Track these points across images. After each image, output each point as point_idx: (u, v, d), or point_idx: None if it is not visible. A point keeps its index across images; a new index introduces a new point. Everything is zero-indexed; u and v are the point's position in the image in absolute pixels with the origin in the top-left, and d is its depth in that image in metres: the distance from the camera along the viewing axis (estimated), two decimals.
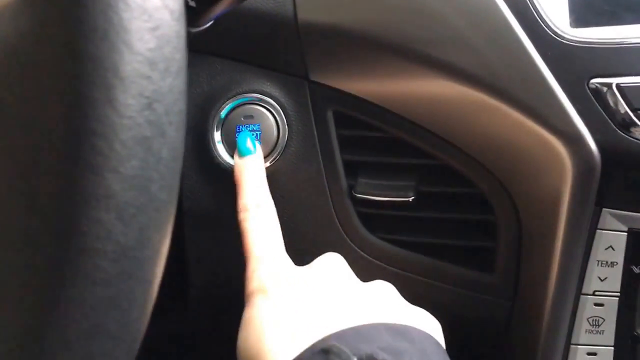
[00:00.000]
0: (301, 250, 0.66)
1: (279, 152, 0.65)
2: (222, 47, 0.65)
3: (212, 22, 0.53)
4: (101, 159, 0.27)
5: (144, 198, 0.29)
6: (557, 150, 0.56)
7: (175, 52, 0.30)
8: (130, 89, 0.28)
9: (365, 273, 0.64)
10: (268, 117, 0.64)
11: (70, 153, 0.27)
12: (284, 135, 0.64)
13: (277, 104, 0.64)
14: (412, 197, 0.63)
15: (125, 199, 0.28)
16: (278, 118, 0.64)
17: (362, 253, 0.66)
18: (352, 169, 0.65)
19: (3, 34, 0.30)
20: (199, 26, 0.52)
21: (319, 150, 0.65)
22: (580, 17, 0.57)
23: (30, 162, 0.28)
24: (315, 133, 0.65)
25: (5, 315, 0.28)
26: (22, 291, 0.28)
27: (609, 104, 0.55)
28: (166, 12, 0.30)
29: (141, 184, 0.28)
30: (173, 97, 0.30)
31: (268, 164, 0.64)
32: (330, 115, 0.64)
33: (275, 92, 0.65)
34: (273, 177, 0.63)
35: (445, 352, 0.46)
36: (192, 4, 0.50)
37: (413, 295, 0.62)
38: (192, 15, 0.50)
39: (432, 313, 0.53)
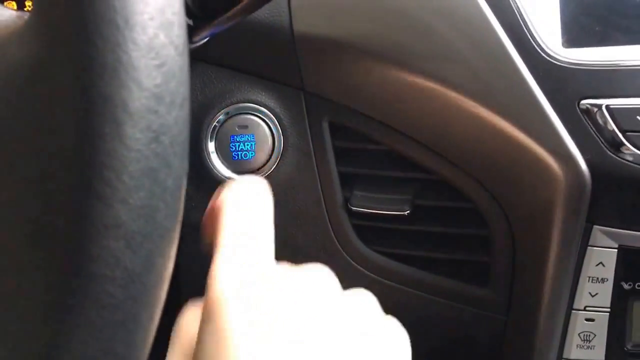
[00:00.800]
0: (295, 262, 0.68)
1: (274, 163, 0.67)
2: (217, 55, 0.68)
3: (208, 38, 0.55)
4: (110, 190, 0.30)
5: (150, 226, 0.31)
6: (549, 167, 0.59)
7: (180, 85, 0.33)
8: (138, 123, 0.30)
9: (359, 286, 0.67)
10: (263, 128, 0.67)
11: (81, 184, 0.30)
12: (279, 145, 0.67)
13: (272, 114, 0.67)
14: (408, 211, 0.66)
15: (133, 228, 0.31)
16: (273, 128, 0.67)
17: (357, 266, 0.69)
18: (348, 181, 0.68)
19: (12, 61, 0.33)
20: (195, 43, 0.55)
21: (314, 161, 0.67)
22: (572, 38, 0.60)
23: (42, 192, 0.30)
24: (311, 144, 0.67)
25: (17, 338, 0.31)
26: (34, 315, 0.30)
27: (599, 124, 0.58)
28: (172, 49, 0.32)
29: (148, 213, 0.31)
30: (178, 129, 0.33)
31: (263, 175, 0.67)
32: (325, 126, 0.67)
33: (271, 102, 0.67)
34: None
35: None
36: (190, 22, 0.52)
37: (407, 309, 0.65)
38: (189, 32, 0.53)
39: (426, 326, 0.55)
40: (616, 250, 0.61)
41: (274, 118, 0.67)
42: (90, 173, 0.30)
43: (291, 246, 0.69)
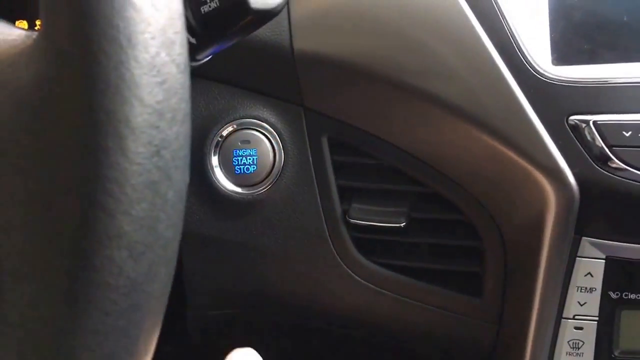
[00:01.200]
0: (296, 273, 0.69)
1: (275, 177, 0.68)
2: (219, 72, 0.69)
3: (211, 56, 0.56)
4: (114, 202, 0.31)
5: (152, 237, 0.32)
6: (539, 182, 0.60)
7: (181, 102, 0.33)
8: (140, 138, 0.31)
9: (358, 296, 0.67)
10: (265, 142, 0.68)
11: (85, 197, 0.30)
12: (280, 160, 0.68)
13: (274, 130, 0.68)
14: (404, 223, 0.66)
15: (135, 238, 0.31)
16: (274, 143, 0.68)
17: (355, 276, 0.69)
18: (347, 194, 0.69)
19: (21, 80, 0.33)
20: (198, 61, 0.55)
21: (314, 175, 0.68)
22: (561, 55, 0.61)
23: (48, 204, 0.31)
24: (311, 158, 0.68)
25: (24, 345, 0.31)
26: (41, 322, 0.31)
27: (586, 139, 0.58)
28: (173, 66, 0.33)
29: (150, 224, 0.32)
30: (179, 144, 0.33)
31: (265, 188, 0.67)
32: (325, 141, 0.68)
33: (272, 118, 0.68)
34: (269, 201, 0.66)
35: None
36: (193, 40, 0.53)
37: (403, 317, 0.65)
38: (192, 50, 0.54)
39: (421, 334, 0.55)
40: (604, 261, 0.62)
41: (275, 133, 0.68)
42: (94, 185, 0.30)
43: (291, 259, 0.69)
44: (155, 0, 0.32)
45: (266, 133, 0.68)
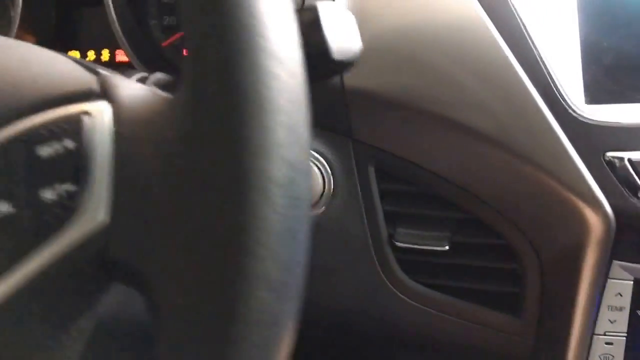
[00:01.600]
0: (345, 292, 0.71)
1: (325, 203, 0.71)
2: None
3: None
4: (262, 249, 0.33)
5: (291, 277, 0.35)
6: (579, 211, 0.63)
7: (308, 156, 0.36)
8: (282, 192, 0.34)
9: (403, 313, 0.70)
10: (315, 171, 0.71)
11: (237, 245, 0.33)
12: (329, 187, 0.71)
13: (324, 159, 0.71)
14: (447, 247, 0.69)
15: (279, 279, 0.34)
16: (324, 172, 0.71)
17: (401, 295, 0.72)
18: (392, 219, 0.72)
19: (164, 138, 0.36)
20: None
21: (361, 201, 0.71)
22: (593, 96, 0.65)
23: (201, 252, 0.34)
24: (358, 186, 0.71)
25: None
26: (198, 357, 0.34)
27: (622, 174, 0.62)
28: (302, 126, 0.36)
29: (289, 266, 0.35)
30: (309, 195, 0.36)
31: (316, 213, 0.70)
32: (372, 170, 0.71)
33: (322, 148, 0.71)
34: (320, 225, 0.69)
35: None
36: None
37: (444, 334, 0.68)
38: None
39: (461, 350, 0.57)
40: (632, 282, 0.65)
41: (325, 162, 0.71)
42: (244, 235, 0.33)
43: (340, 279, 0.72)
44: (292, 69, 0.35)
45: (316, 162, 0.71)
